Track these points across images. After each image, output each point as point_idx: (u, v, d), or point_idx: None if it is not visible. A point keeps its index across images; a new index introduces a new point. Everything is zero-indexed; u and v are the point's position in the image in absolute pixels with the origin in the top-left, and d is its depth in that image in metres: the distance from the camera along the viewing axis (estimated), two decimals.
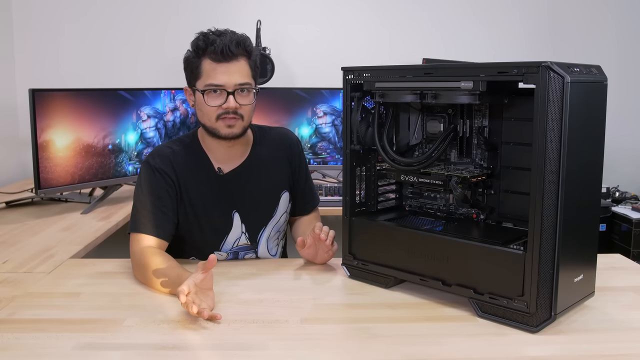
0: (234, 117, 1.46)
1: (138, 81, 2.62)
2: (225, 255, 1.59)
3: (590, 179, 1.16)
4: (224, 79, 1.43)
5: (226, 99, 1.44)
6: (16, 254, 1.62)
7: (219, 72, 1.43)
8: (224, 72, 1.43)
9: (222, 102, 1.44)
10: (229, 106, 1.44)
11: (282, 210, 1.64)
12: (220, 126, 1.47)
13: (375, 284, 1.36)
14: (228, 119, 1.46)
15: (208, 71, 1.44)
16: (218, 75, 1.43)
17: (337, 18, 3.02)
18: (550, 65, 1.04)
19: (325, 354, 1.06)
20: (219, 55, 1.42)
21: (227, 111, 1.45)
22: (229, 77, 1.43)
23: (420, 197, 1.48)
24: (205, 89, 1.44)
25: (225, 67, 1.43)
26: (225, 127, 1.47)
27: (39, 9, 2.90)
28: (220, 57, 1.42)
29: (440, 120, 1.38)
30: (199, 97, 1.46)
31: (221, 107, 1.45)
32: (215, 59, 1.43)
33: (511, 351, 1.05)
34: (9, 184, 2.70)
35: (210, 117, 1.47)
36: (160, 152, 1.54)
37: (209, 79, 1.43)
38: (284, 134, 1.70)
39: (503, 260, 1.15)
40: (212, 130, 1.49)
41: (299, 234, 1.67)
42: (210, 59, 1.43)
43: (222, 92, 1.44)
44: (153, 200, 1.47)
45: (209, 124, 1.48)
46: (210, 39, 1.43)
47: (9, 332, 1.12)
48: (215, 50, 1.41)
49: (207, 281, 1.22)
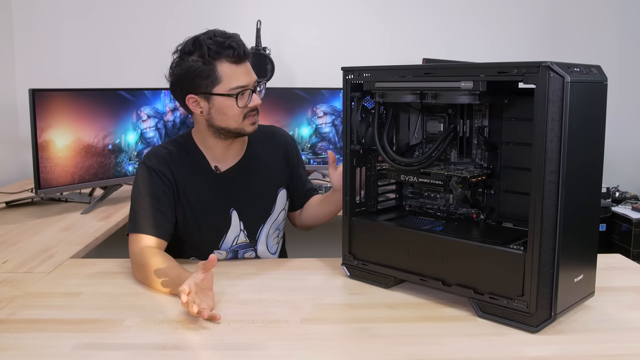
0: (257, 113, 1.51)
1: (138, 81, 2.62)
2: (225, 254, 1.59)
3: (590, 179, 1.16)
4: (246, 79, 1.46)
5: (250, 97, 1.46)
6: (16, 254, 1.62)
7: (240, 73, 1.45)
8: (244, 72, 1.46)
9: (248, 101, 1.47)
10: (256, 104, 1.49)
11: (279, 207, 1.64)
12: (246, 125, 1.50)
13: (375, 284, 1.36)
14: (253, 116, 1.50)
15: (229, 74, 1.43)
16: (241, 77, 1.45)
17: (337, 18, 3.02)
18: (550, 65, 1.04)
19: (325, 354, 1.06)
20: (241, 57, 1.44)
21: (252, 109, 1.48)
22: (249, 76, 1.47)
23: (420, 197, 1.48)
24: (236, 92, 1.44)
25: (244, 68, 1.46)
26: (250, 125, 1.50)
27: (39, 8, 2.90)
28: (242, 58, 1.45)
29: (440, 120, 1.38)
30: (222, 101, 1.45)
31: (247, 107, 1.47)
32: (235, 61, 1.43)
33: (511, 351, 1.05)
34: (9, 184, 2.70)
35: (238, 119, 1.48)
36: (156, 153, 1.54)
37: (233, 81, 1.44)
38: (278, 132, 1.72)
39: (503, 260, 1.15)
40: (237, 131, 1.50)
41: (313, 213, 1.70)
42: (229, 62, 1.43)
43: (246, 92, 1.46)
44: (151, 201, 1.47)
45: (235, 125, 1.48)
46: (223, 42, 1.42)
47: (9, 332, 1.12)
48: (237, 53, 1.43)
49: (208, 281, 1.22)
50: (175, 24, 2.90)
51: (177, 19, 2.92)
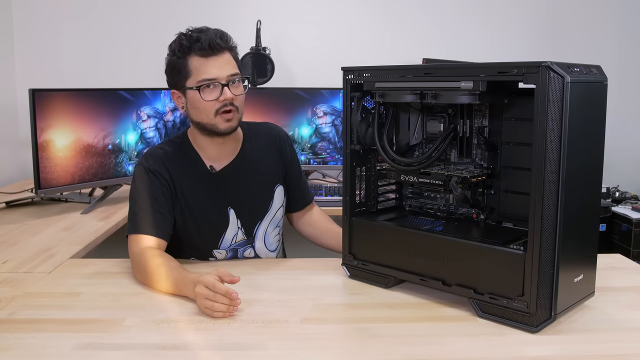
0: (232, 110, 1.47)
1: (138, 81, 2.62)
2: (225, 253, 1.59)
3: (590, 179, 1.16)
4: (215, 72, 1.44)
5: (221, 91, 1.44)
6: (16, 254, 1.62)
7: (209, 65, 1.43)
8: (214, 65, 1.44)
9: (218, 95, 1.44)
10: (226, 97, 1.45)
11: (277, 204, 1.64)
12: (218, 121, 1.47)
13: (375, 284, 1.36)
14: (226, 113, 1.46)
15: (197, 67, 1.44)
16: (209, 69, 1.43)
17: (337, 18, 3.02)
18: (550, 65, 1.04)
19: (325, 354, 1.06)
20: (207, 50, 1.42)
21: (224, 104, 1.45)
22: (220, 69, 1.44)
23: (420, 197, 1.48)
24: (200, 84, 1.44)
25: (214, 60, 1.44)
26: (223, 121, 1.47)
27: (39, 8, 2.90)
28: (209, 52, 1.43)
29: (440, 120, 1.38)
30: (192, 95, 1.46)
31: (218, 101, 1.45)
32: (203, 54, 1.43)
33: (511, 351, 1.05)
34: (9, 184, 2.70)
35: (209, 113, 1.46)
36: (152, 154, 1.54)
37: (200, 74, 1.43)
38: (272, 128, 1.71)
39: (503, 260, 1.15)
40: (210, 127, 1.48)
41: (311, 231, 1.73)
42: (198, 55, 1.43)
43: (217, 86, 1.44)
44: (150, 202, 1.48)
45: (207, 120, 1.48)
46: (194, 37, 1.43)
47: (9, 332, 1.12)
48: (203, 45, 1.42)
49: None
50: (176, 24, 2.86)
51: (178, 19, 2.92)
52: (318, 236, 1.71)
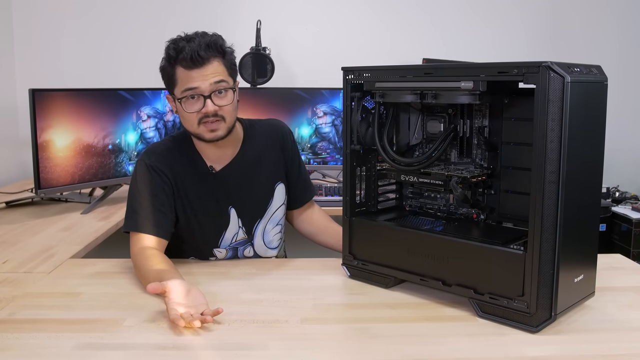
0: (216, 120, 1.45)
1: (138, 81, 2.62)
2: (225, 252, 1.59)
3: (590, 179, 1.16)
4: (197, 83, 1.41)
5: (204, 103, 1.43)
6: (16, 254, 1.62)
7: (192, 77, 1.41)
8: (197, 77, 1.41)
9: (200, 107, 1.43)
10: (208, 110, 1.43)
11: (278, 202, 1.64)
12: (203, 131, 1.46)
13: (375, 284, 1.36)
14: (209, 123, 1.45)
15: (182, 78, 1.42)
16: (191, 81, 1.41)
17: (337, 18, 3.02)
18: (551, 65, 1.04)
19: (325, 354, 1.06)
20: (189, 62, 1.40)
21: (207, 115, 1.43)
22: (202, 81, 1.41)
23: (420, 197, 1.48)
24: (182, 95, 1.43)
25: (197, 72, 1.41)
26: (208, 131, 1.46)
27: (39, 8, 2.90)
28: (190, 64, 1.40)
29: (441, 120, 1.38)
30: (178, 104, 1.45)
31: (200, 112, 1.43)
32: (186, 65, 1.41)
33: (511, 351, 1.05)
34: (9, 184, 2.70)
35: (192, 124, 1.45)
36: (155, 150, 1.54)
37: (183, 85, 1.42)
38: (275, 125, 1.69)
39: (503, 260, 1.15)
40: (196, 135, 1.49)
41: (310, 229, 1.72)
42: (182, 66, 1.41)
43: (200, 97, 1.42)
44: (150, 199, 1.47)
45: (192, 129, 1.48)
46: (179, 46, 1.41)
47: (9, 332, 1.11)
48: (185, 57, 1.40)
49: (181, 289, 1.19)
50: (176, 24, 2.89)
51: (178, 19, 2.92)
52: (317, 234, 1.71)
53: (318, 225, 1.72)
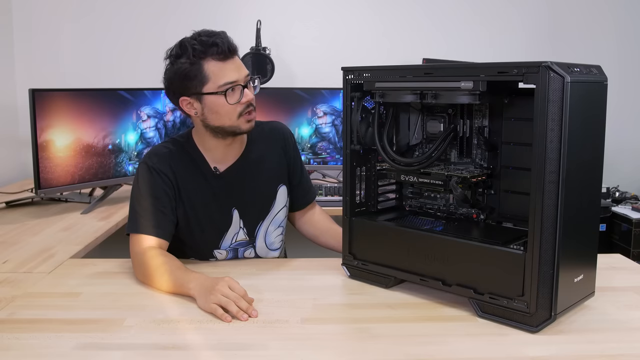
0: (253, 110, 1.48)
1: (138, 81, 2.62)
2: (225, 253, 1.58)
3: (590, 179, 1.16)
4: (235, 75, 1.43)
5: (242, 93, 1.44)
6: (16, 254, 1.62)
7: (229, 69, 1.43)
8: (232, 68, 1.43)
9: (240, 98, 1.44)
10: (249, 98, 1.46)
11: (280, 204, 1.64)
12: (241, 123, 1.47)
13: (375, 284, 1.36)
14: (248, 114, 1.47)
15: (216, 72, 1.42)
16: (229, 73, 1.43)
17: (337, 18, 3.02)
18: (550, 65, 1.04)
19: (325, 354, 1.06)
20: (226, 53, 1.42)
21: (247, 105, 1.46)
22: (238, 72, 1.44)
23: (420, 197, 1.48)
24: (225, 88, 1.42)
25: (232, 64, 1.44)
26: (245, 122, 1.48)
27: (39, 9, 2.90)
28: (227, 55, 1.42)
29: (440, 120, 1.38)
30: (213, 100, 1.43)
31: (241, 103, 1.45)
32: (221, 58, 1.42)
33: (511, 351, 1.05)
34: (9, 184, 2.70)
35: (231, 116, 1.46)
36: (157, 152, 1.54)
37: (220, 79, 1.42)
38: (277, 127, 1.69)
39: (503, 260, 1.15)
40: (231, 129, 1.48)
41: (312, 230, 1.72)
42: (215, 59, 1.41)
43: (237, 88, 1.44)
44: (152, 201, 1.47)
45: (230, 123, 1.47)
46: (207, 41, 1.41)
47: (9, 332, 1.12)
48: (221, 49, 1.41)
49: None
50: (176, 24, 2.90)
51: (178, 19, 2.92)
52: (318, 235, 1.71)
53: (320, 226, 1.72)
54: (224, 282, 1.23)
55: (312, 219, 1.73)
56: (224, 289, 1.21)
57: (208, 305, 1.21)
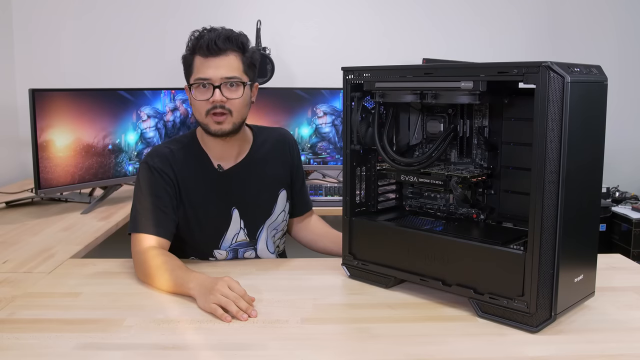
0: (223, 113, 1.46)
1: (138, 81, 2.62)
2: (225, 253, 1.58)
3: (590, 179, 1.16)
4: (210, 72, 1.44)
5: (212, 92, 1.45)
6: (16, 254, 1.62)
7: (207, 66, 1.45)
8: (211, 66, 1.44)
9: (209, 97, 1.45)
10: (215, 99, 1.44)
11: (280, 208, 1.64)
12: (209, 122, 1.48)
13: (375, 284, 1.36)
14: (217, 115, 1.46)
15: (198, 66, 1.46)
16: (205, 70, 1.45)
17: (337, 18, 3.02)
18: (551, 65, 1.04)
19: (325, 354, 1.06)
20: (205, 50, 1.44)
21: (214, 106, 1.45)
22: (215, 70, 1.44)
23: (420, 197, 1.48)
24: (194, 83, 1.46)
25: (212, 62, 1.44)
26: (214, 123, 1.48)
27: (39, 8, 2.90)
28: (207, 52, 1.44)
29: (441, 120, 1.38)
30: (191, 93, 1.48)
31: (209, 102, 1.45)
32: (203, 54, 1.44)
33: (511, 351, 1.05)
34: (9, 184, 2.70)
35: (200, 113, 1.48)
36: (158, 152, 1.54)
37: (197, 73, 1.46)
38: (284, 134, 1.71)
39: (503, 260, 1.15)
40: (203, 126, 1.51)
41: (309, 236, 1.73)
42: (199, 54, 1.45)
43: (210, 87, 1.45)
44: (153, 200, 1.47)
45: (200, 119, 1.50)
46: (200, 36, 1.46)
47: (9, 332, 1.12)
48: (202, 45, 1.44)
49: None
50: (176, 24, 2.90)
51: (178, 19, 2.92)
52: (316, 240, 1.71)
53: (317, 231, 1.72)
54: (224, 282, 1.23)
55: (309, 224, 1.74)
56: (223, 289, 1.21)
57: (208, 305, 1.21)
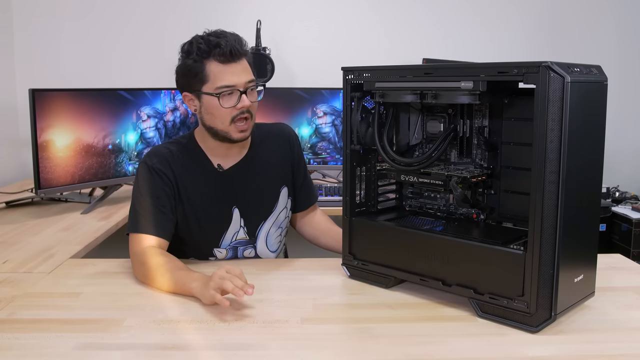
0: (247, 117, 1.47)
1: (138, 81, 2.62)
2: (225, 252, 1.59)
3: (590, 179, 1.16)
4: (234, 79, 1.43)
5: (239, 98, 1.44)
6: (16, 254, 1.62)
7: (228, 72, 1.43)
8: (233, 72, 1.43)
9: (236, 103, 1.44)
10: (244, 105, 1.45)
11: (281, 205, 1.64)
12: (232, 130, 1.47)
13: (375, 284, 1.36)
14: (241, 120, 1.46)
15: (216, 73, 1.43)
16: (228, 76, 1.43)
17: (337, 18, 3.02)
18: (551, 65, 1.04)
19: (325, 354, 1.06)
20: (227, 56, 1.42)
21: (241, 111, 1.45)
22: (238, 76, 1.44)
23: (420, 197, 1.48)
24: (220, 91, 1.43)
25: (232, 67, 1.43)
26: (237, 131, 1.47)
27: (39, 8, 2.90)
28: (229, 58, 1.42)
29: (440, 120, 1.38)
30: (209, 101, 1.45)
31: (236, 108, 1.45)
32: (223, 60, 1.42)
33: (511, 351, 1.05)
34: (9, 184, 2.70)
35: (224, 120, 1.46)
36: (157, 153, 1.54)
37: (219, 81, 1.43)
38: (283, 130, 1.70)
39: (503, 260, 1.15)
40: (223, 134, 1.48)
41: (312, 231, 1.73)
42: (217, 61, 1.42)
43: (235, 93, 1.44)
44: (152, 201, 1.47)
45: (222, 127, 1.47)
46: (213, 42, 1.42)
47: (9, 332, 1.12)
48: (223, 51, 1.41)
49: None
50: (176, 24, 2.90)
51: (177, 19, 2.92)
52: (318, 236, 1.71)
53: (320, 227, 1.72)
54: (222, 267, 1.24)
55: (313, 220, 1.74)
56: (220, 271, 1.22)
57: (208, 293, 1.21)
